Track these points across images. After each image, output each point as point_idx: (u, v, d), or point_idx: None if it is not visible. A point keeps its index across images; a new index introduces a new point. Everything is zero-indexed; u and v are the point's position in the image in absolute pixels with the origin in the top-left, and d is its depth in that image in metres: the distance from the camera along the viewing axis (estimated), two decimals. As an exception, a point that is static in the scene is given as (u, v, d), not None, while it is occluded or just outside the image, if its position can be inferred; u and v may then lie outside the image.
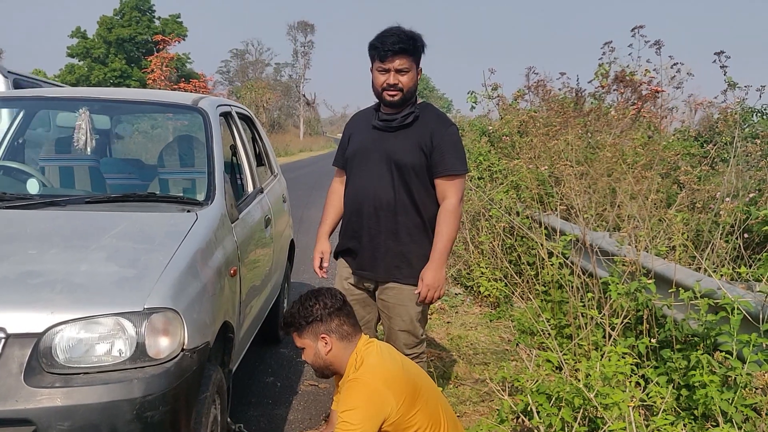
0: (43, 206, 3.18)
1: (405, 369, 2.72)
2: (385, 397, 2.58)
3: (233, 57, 65.98)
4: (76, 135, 3.84)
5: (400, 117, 3.22)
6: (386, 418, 2.58)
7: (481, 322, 5.92)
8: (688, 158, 7.49)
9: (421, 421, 2.65)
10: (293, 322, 2.77)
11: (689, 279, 3.83)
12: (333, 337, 2.73)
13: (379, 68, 3.17)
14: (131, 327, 2.37)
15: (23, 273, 2.53)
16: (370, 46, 3.19)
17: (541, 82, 10.40)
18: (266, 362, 4.80)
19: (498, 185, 7.76)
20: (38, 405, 2.20)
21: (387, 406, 2.57)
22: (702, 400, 3.12)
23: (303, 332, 2.76)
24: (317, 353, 2.75)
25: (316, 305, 2.74)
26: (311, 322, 2.73)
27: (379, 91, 3.21)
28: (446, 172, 3.22)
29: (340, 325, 2.75)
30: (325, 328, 2.73)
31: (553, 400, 2.96)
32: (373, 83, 3.23)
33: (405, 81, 3.16)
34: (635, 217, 4.98)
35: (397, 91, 3.17)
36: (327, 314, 2.73)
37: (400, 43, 3.10)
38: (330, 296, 2.79)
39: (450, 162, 3.22)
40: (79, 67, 44.82)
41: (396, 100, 3.19)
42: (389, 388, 2.59)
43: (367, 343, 2.78)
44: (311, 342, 2.75)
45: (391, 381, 2.62)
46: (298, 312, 2.76)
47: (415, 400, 2.64)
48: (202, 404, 2.64)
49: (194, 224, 3.03)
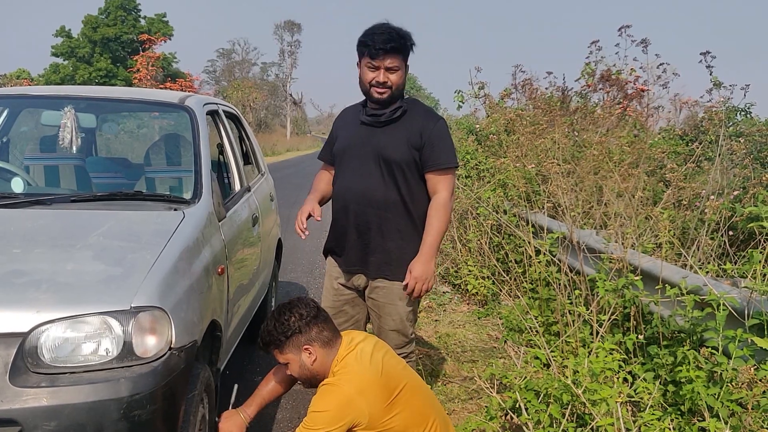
0: (28, 205, 3.15)
1: (385, 374, 2.68)
2: (357, 405, 2.56)
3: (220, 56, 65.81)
4: (62, 133, 3.82)
5: (388, 112, 3.21)
6: (356, 424, 2.58)
7: (469, 320, 5.93)
8: (673, 156, 7.53)
9: (399, 424, 2.64)
10: (272, 340, 2.73)
11: (675, 276, 3.85)
12: (316, 346, 2.70)
13: (368, 65, 3.15)
14: (118, 326, 2.36)
15: (8, 272, 2.50)
16: (359, 42, 3.17)
17: (527, 80, 10.42)
18: (255, 361, 4.79)
19: (485, 184, 7.77)
20: (24, 405, 2.18)
21: (357, 413, 2.56)
22: (688, 395, 3.14)
23: (284, 348, 2.73)
24: (302, 365, 2.73)
25: (291, 318, 2.71)
26: (290, 336, 2.70)
27: (368, 88, 3.19)
28: (437, 166, 3.21)
29: (320, 332, 2.72)
30: (306, 339, 2.70)
31: (541, 397, 2.97)
32: (361, 79, 3.21)
33: (394, 79, 3.16)
34: (622, 214, 5.01)
35: (386, 89, 3.16)
36: (305, 324, 2.70)
37: (392, 42, 3.10)
38: (303, 306, 2.76)
39: (441, 156, 3.21)
40: (64, 67, 44.47)
41: (384, 98, 3.18)
42: (363, 396, 2.58)
43: (349, 346, 2.75)
44: (294, 356, 2.73)
45: (366, 389, 2.60)
46: (274, 329, 2.72)
47: (392, 405, 2.63)
48: (190, 403, 2.62)
49: (181, 223, 3.01)
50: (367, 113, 3.27)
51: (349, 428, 2.58)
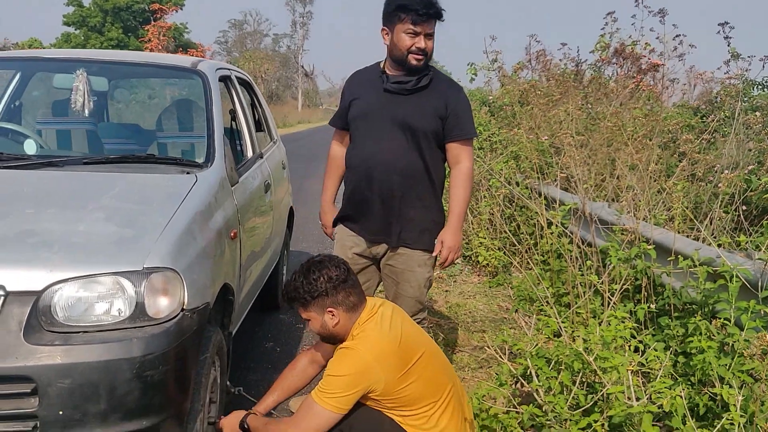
0: (40, 167, 3.16)
1: (404, 342, 2.65)
2: (373, 372, 2.55)
3: (231, 27, 65.53)
4: (74, 96, 3.80)
5: (415, 80, 3.16)
6: (371, 391, 2.57)
7: (480, 291, 5.94)
8: (687, 130, 7.45)
9: (415, 392, 2.64)
10: (297, 297, 2.67)
11: (688, 248, 3.82)
12: (340, 309, 2.65)
13: (408, 30, 3.08)
14: (130, 286, 2.36)
15: (21, 232, 2.51)
16: (397, 7, 3.07)
17: (541, 51, 10.31)
18: (265, 328, 4.81)
19: (498, 155, 7.72)
20: (38, 362, 2.19)
21: (373, 380, 2.55)
22: (700, 365, 3.13)
23: (309, 306, 2.67)
24: (324, 325, 2.68)
25: (320, 279, 2.63)
26: (316, 296, 2.63)
27: (405, 54, 3.11)
28: (462, 136, 3.22)
29: (347, 296, 2.66)
30: (332, 302, 2.64)
31: (552, 364, 2.96)
32: (397, 44, 3.12)
33: (431, 46, 3.14)
34: (634, 187, 4.96)
35: (423, 56, 3.12)
36: (332, 287, 2.63)
37: (434, 8, 3.06)
38: (334, 267, 2.67)
39: (465, 126, 3.22)
40: (76, 36, 44.30)
41: (421, 65, 3.14)
42: (380, 364, 2.56)
43: (371, 311, 2.71)
44: (317, 315, 2.67)
45: (384, 357, 2.58)
46: (302, 286, 2.65)
47: (408, 374, 2.61)
48: (202, 365, 2.63)
49: (194, 186, 3.00)
50: (391, 80, 3.21)
51: (364, 394, 2.59)
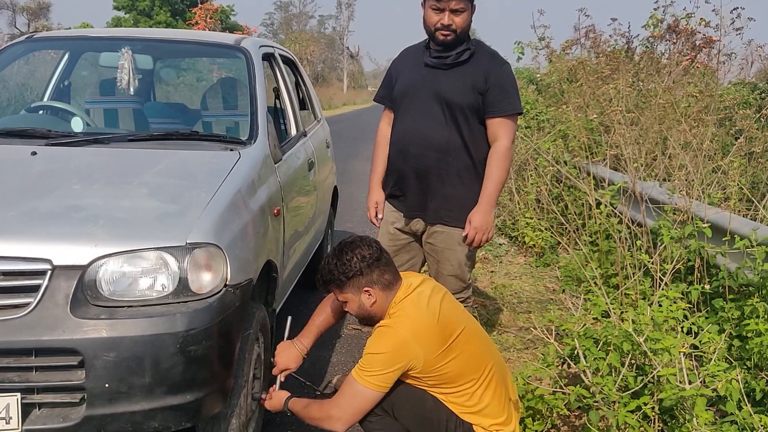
0: (86, 144, 3.18)
1: (442, 318, 2.61)
2: (412, 349, 2.51)
3: (277, 9, 65.92)
4: (119, 75, 3.83)
5: (454, 54, 3.10)
6: (411, 368, 2.53)
7: (526, 272, 5.85)
8: (745, 106, 7.19)
9: (455, 370, 2.60)
10: (332, 278, 2.65)
11: (745, 228, 3.69)
12: (376, 288, 2.62)
13: (433, 6, 3.05)
14: (174, 262, 2.36)
15: (67, 207, 2.54)
16: None
17: (590, 27, 10.06)
18: (310, 306, 4.78)
19: (545, 135, 7.58)
20: (84, 336, 2.21)
21: (412, 357, 2.51)
22: (756, 349, 3.02)
23: (344, 287, 2.65)
24: (361, 305, 2.66)
25: (353, 258, 2.61)
26: (351, 277, 2.61)
27: (432, 30, 3.10)
28: (500, 111, 3.11)
29: (381, 275, 2.63)
30: (367, 281, 2.61)
31: (600, 345, 2.88)
32: (425, 21, 3.11)
33: (459, 22, 3.05)
34: (687, 166, 4.81)
35: (450, 32, 3.06)
36: (366, 266, 2.60)
37: None
38: (366, 246, 2.65)
39: (504, 101, 3.11)
40: (125, 20, 45.01)
41: (449, 41, 3.08)
42: (418, 341, 2.52)
43: (408, 289, 2.69)
44: (353, 296, 2.65)
45: (422, 334, 2.54)
46: (336, 267, 2.62)
47: (448, 351, 2.58)
48: (245, 341, 2.64)
49: (237, 162, 3.00)
50: (431, 55, 3.17)
51: (404, 372, 2.56)
